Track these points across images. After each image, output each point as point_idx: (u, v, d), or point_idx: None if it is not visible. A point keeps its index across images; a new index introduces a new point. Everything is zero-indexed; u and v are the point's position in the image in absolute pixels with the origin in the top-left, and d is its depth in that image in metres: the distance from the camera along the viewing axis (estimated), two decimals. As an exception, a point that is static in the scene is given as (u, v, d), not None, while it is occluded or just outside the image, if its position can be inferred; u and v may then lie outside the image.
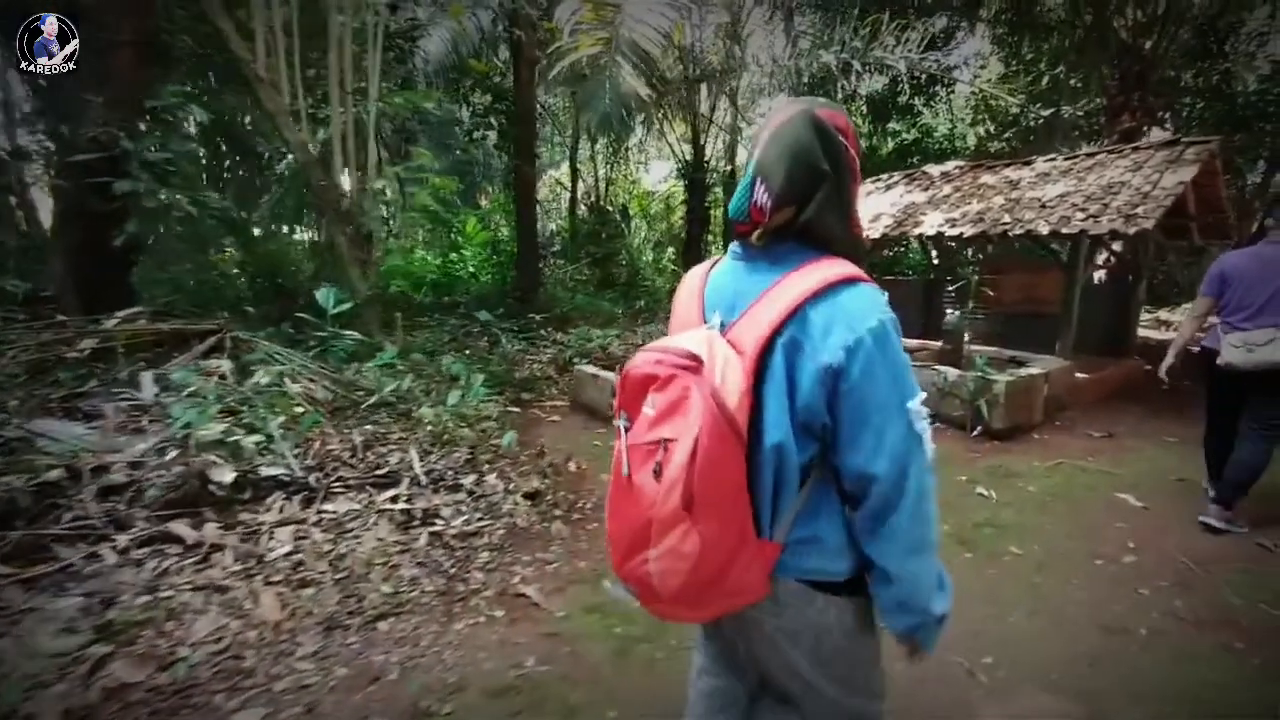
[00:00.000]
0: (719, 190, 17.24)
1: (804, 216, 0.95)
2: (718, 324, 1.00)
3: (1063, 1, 10.01)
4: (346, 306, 4.56)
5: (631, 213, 17.57)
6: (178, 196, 4.00)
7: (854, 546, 0.99)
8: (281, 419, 3.47)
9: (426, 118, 7.45)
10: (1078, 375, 5.97)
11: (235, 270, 6.32)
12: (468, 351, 6.89)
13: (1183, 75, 11.27)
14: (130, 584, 2.23)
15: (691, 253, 15.09)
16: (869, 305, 0.91)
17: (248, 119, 6.94)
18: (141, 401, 3.33)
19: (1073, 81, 11.33)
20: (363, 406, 4.05)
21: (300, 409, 3.89)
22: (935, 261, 8.49)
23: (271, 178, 6.87)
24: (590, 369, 5.63)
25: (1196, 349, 3.57)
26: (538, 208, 17.64)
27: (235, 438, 3.10)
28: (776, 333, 0.92)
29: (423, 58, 7.44)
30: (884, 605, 1.00)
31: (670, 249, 17.59)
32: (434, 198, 11.67)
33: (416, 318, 8.06)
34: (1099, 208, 5.63)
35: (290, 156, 5.56)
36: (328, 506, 2.94)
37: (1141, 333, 9.81)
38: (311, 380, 4.24)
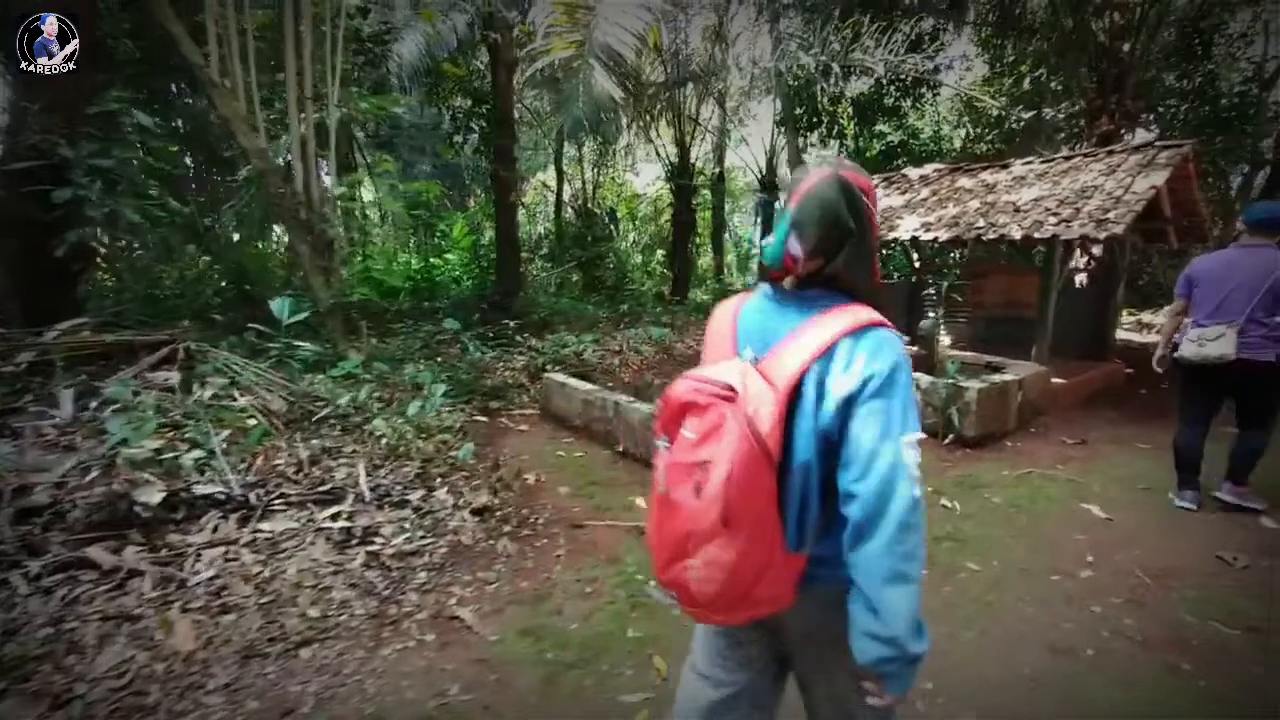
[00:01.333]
0: (706, 193, 17.20)
1: (831, 267, 1.09)
2: (750, 358, 1.12)
3: (1044, 4, 10.00)
4: (303, 316, 4.47)
5: (619, 215, 17.51)
6: (124, 204, 3.91)
7: None
8: (227, 433, 3.38)
9: (399, 123, 7.36)
10: (1054, 380, 5.92)
11: (203, 278, 6.23)
12: (439, 359, 6.80)
13: (1165, 77, 11.29)
14: (36, 614, 2.14)
15: (678, 256, 15.04)
16: (887, 348, 1.02)
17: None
18: (77, 417, 3.24)
19: (1054, 84, 11.32)
20: (315, 419, 3.96)
21: (253, 421, 3.81)
22: (917, 265, 8.44)
23: (235, 184, 6.78)
24: (558, 377, 5.55)
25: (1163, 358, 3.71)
26: (524, 211, 17.64)
27: (173, 455, 3.02)
28: (807, 370, 1.03)
29: (396, 62, 7.36)
30: (855, 631, 1.01)
31: (660, 252, 17.53)
32: (415, 202, 11.66)
33: (392, 324, 7.97)
34: (1071, 212, 5.59)
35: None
36: (264, 525, 2.86)
37: (1123, 335, 9.80)
38: (268, 391, 4.15)
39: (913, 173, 8.13)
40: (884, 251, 11.12)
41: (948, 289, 7.08)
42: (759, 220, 17.46)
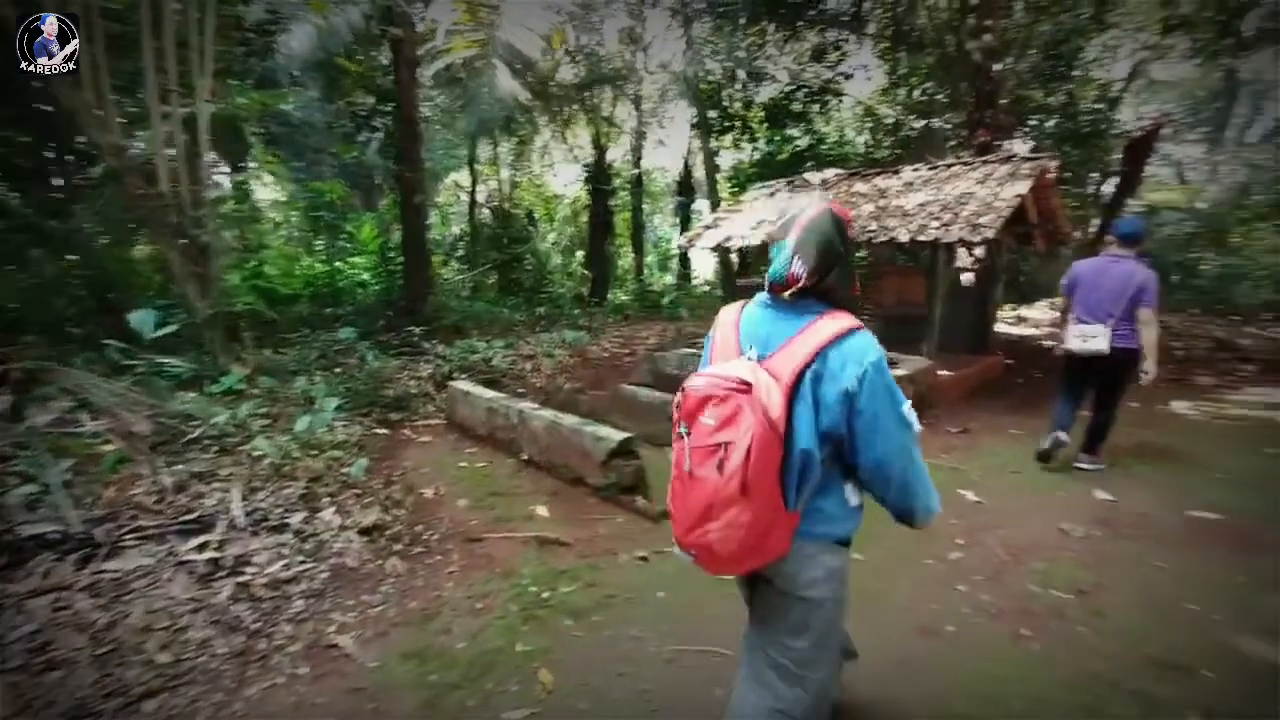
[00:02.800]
0: (625, 194, 17.28)
1: (824, 283, 1.37)
2: (755, 356, 1.37)
3: (929, 23, 10.74)
4: (172, 328, 4.10)
5: (538, 216, 17.28)
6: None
7: (848, 515, 1.42)
8: (69, 463, 3.04)
9: (290, 119, 6.89)
10: (941, 373, 6.34)
11: (54, 287, 5.54)
12: (338, 370, 6.45)
13: (1035, 94, 12.41)
14: None
15: (596, 257, 15.03)
16: (868, 347, 1.32)
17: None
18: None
19: (940, 97, 12.17)
20: (185, 441, 3.65)
21: (109, 446, 3.46)
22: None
23: (95, 182, 6.10)
24: (462, 385, 5.40)
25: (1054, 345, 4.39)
26: (438, 212, 17.05)
27: (-1, 490, 2.68)
28: (806, 366, 1.30)
29: (285, 54, 6.88)
30: (917, 516, 1.40)
31: (580, 253, 17.44)
32: (317, 202, 11.00)
33: (289, 334, 7.48)
34: (951, 217, 6.02)
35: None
36: (111, 565, 2.59)
37: (1004, 329, 10.67)
38: (129, 412, 3.77)
39: (815, 177, 8.51)
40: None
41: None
42: (678, 221, 17.76)
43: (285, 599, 2.66)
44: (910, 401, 1.35)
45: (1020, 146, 11.58)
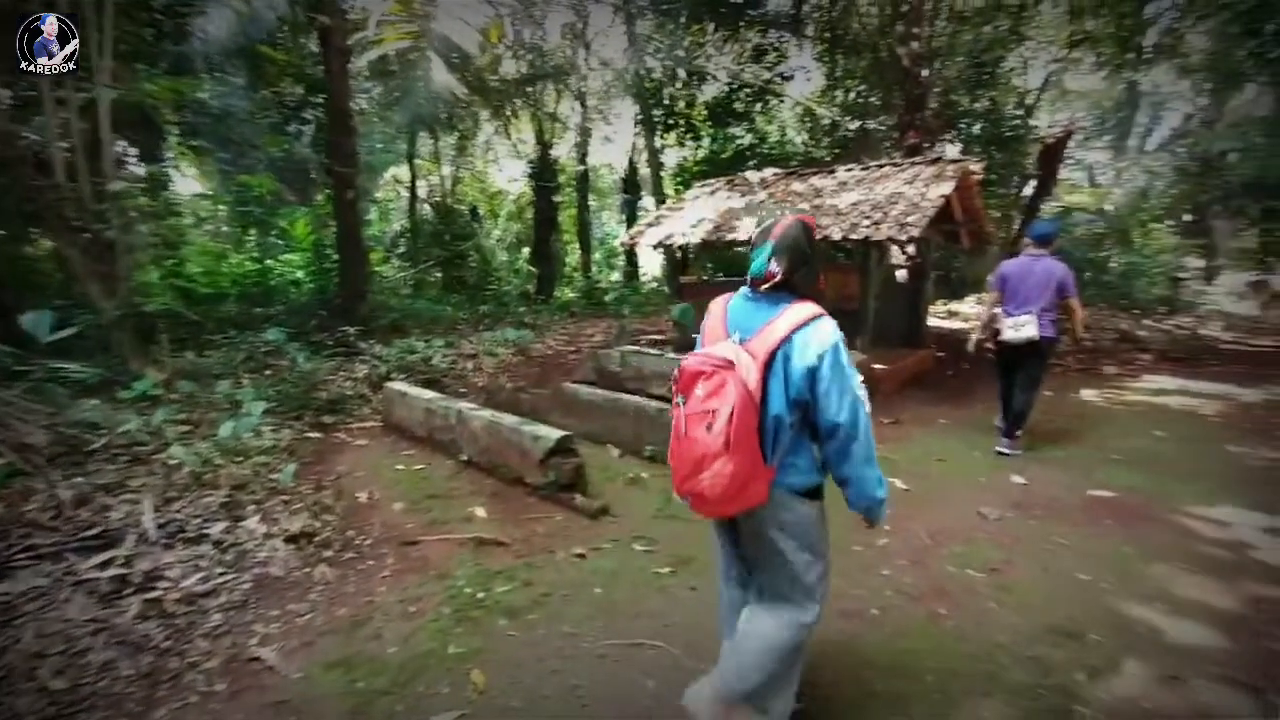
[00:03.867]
0: (571, 191, 17.18)
1: (795, 279, 1.68)
2: (738, 339, 1.67)
3: (862, 28, 11.15)
4: (70, 331, 3.81)
5: (482, 212, 16.95)
6: None
7: (816, 470, 1.70)
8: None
9: (208, 109, 6.50)
10: (875, 366, 6.60)
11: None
12: (267, 372, 6.17)
13: (962, 100, 13.06)
14: None
15: (541, 254, 14.87)
16: (829, 331, 1.62)
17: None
18: None
19: (873, 99, 12.65)
20: (87, 451, 3.41)
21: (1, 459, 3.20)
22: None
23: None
24: (399, 386, 5.25)
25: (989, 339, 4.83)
26: (377, 208, 16.47)
27: None
28: (778, 347, 1.61)
29: (202, 39, 6.47)
30: (851, 498, 1.69)
31: (526, 249, 17.23)
32: (244, 197, 10.43)
33: (214, 335, 7.08)
34: (881, 215, 6.27)
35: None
36: None
37: (935, 323, 11.20)
38: (21, 421, 3.49)
39: (753, 176, 8.69)
40: (737, 251, 11.79)
41: None
42: (625, 218, 17.78)
43: (201, 614, 2.53)
44: (862, 378, 1.66)
45: (950, 149, 12.20)
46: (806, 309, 1.64)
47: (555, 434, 3.71)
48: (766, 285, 1.68)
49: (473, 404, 4.74)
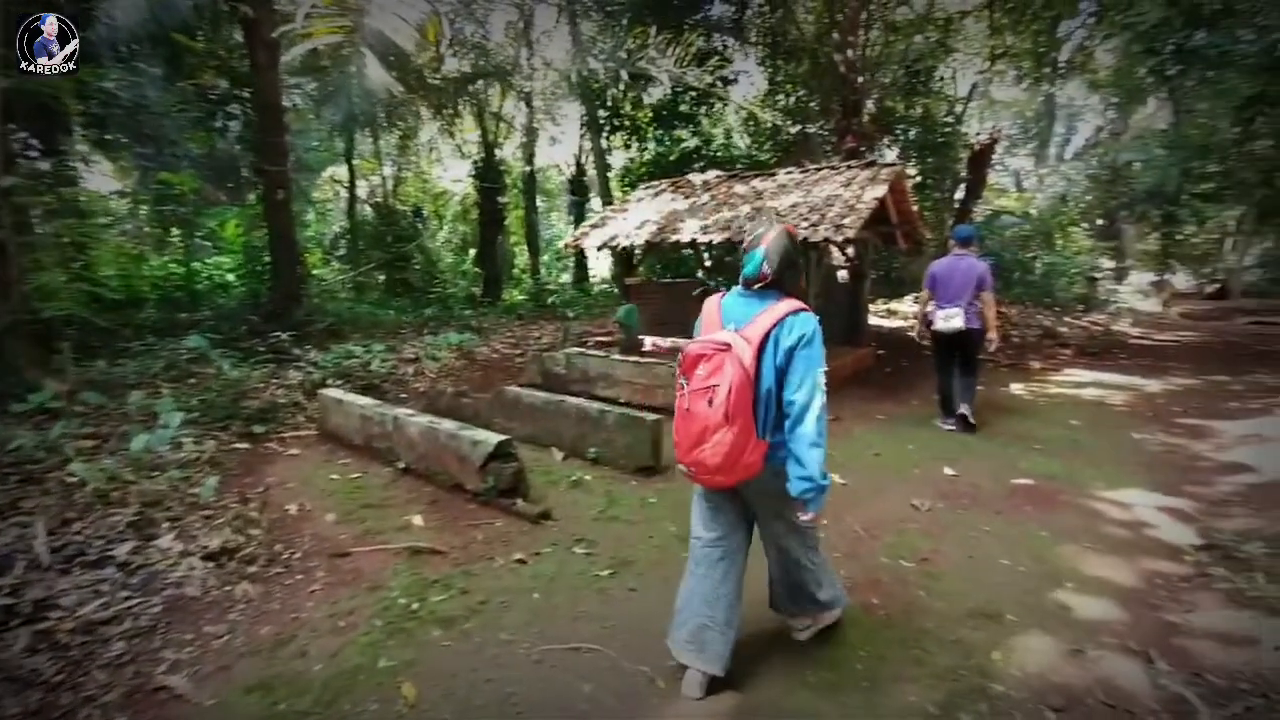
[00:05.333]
0: (518, 192, 16.95)
1: (783, 278, 1.98)
2: (733, 328, 1.94)
3: (801, 34, 11.45)
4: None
5: (426, 213, 16.52)
6: None
7: None
8: None
9: (118, 100, 6.07)
10: (815, 364, 6.78)
11: None
12: (191, 381, 5.82)
13: (898, 107, 13.62)
14: None
15: (487, 256, 14.60)
16: (808, 321, 1.91)
17: None
18: None
19: (812, 104, 13.02)
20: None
21: None
22: (708, 265, 9.15)
23: None
24: (334, 393, 5.05)
25: (922, 334, 5.43)
26: (314, 209, 15.82)
27: None
28: (769, 332, 1.88)
29: (108, 25, 6.02)
30: (792, 477, 1.86)
31: (473, 251, 16.90)
32: (165, 195, 9.82)
33: (130, 343, 6.62)
34: (818, 217, 6.44)
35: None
36: None
37: (875, 322, 11.61)
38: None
39: (697, 178, 8.79)
40: (684, 253, 11.91)
41: (712, 289, 7.79)
42: (573, 220, 17.69)
43: (101, 643, 2.35)
44: (825, 368, 1.91)
45: (888, 154, 12.69)
46: (793, 303, 1.95)
47: (495, 438, 3.64)
48: (759, 284, 1.97)
49: (411, 410, 4.60)
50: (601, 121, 14.55)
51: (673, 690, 2.16)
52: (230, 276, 10.98)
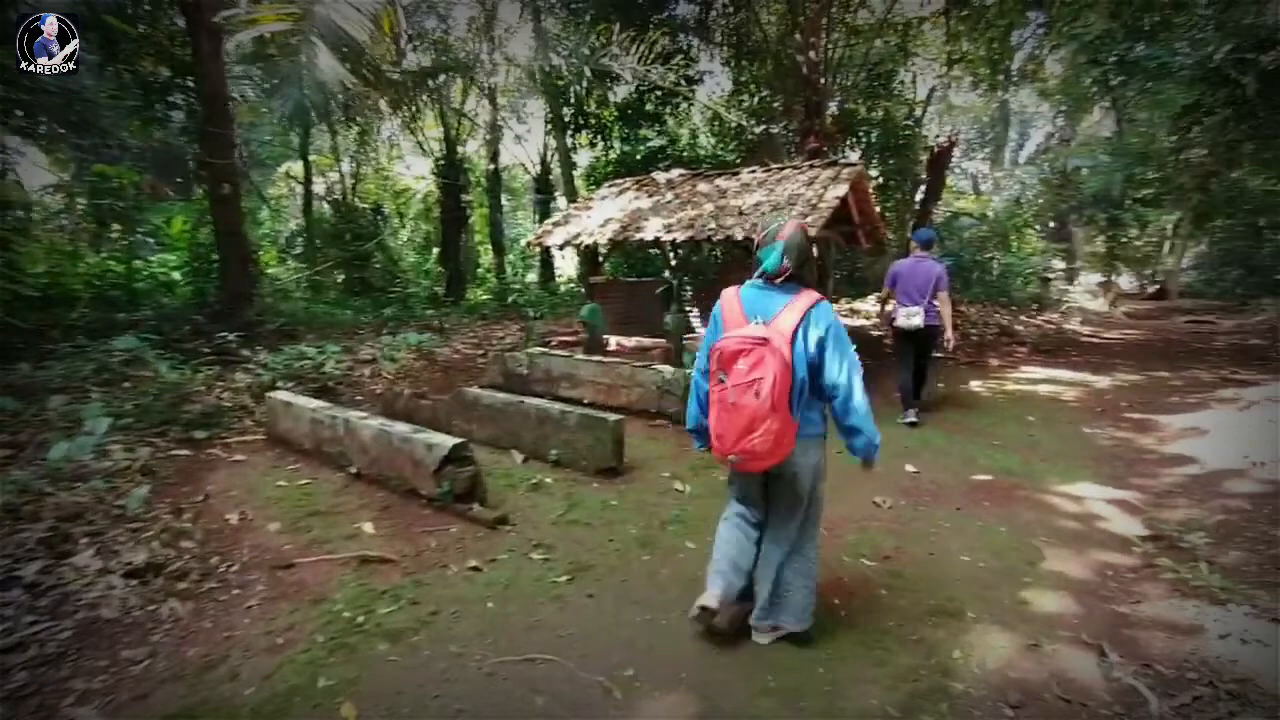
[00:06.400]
0: (482, 190, 16.64)
1: (802, 271, 2.14)
2: (761, 321, 2.07)
3: (764, 35, 11.53)
4: None
5: (387, 211, 16.08)
6: None
7: (823, 421, 2.20)
8: None
9: (43, 85, 5.67)
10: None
11: None
12: (126, 385, 5.47)
13: (860, 108, 13.84)
14: None
15: (449, 255, 14.27)
16: (828, 311, 2.11)
17: None
18: None
19: (776, 104, 13.13)
20: None
21: None
22: (673, 263, 9.08)
23: None
24: (283, 396, 4.81)
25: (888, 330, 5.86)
26: (269, 206, 15.23)
27: None
28: (799, 324, 2.05)
29: (32, 6, 5.60)
30: (853, 445, 2.18)
31: (436, 250, 16.52)
32: (101, 189, 9.27)
33: (56, 345, 6.20)
34: (782, 217, 6.45)
35: None
36: None
37: (838, 321, 11.75)
38: None
39: (661, 177, 8.73)
40: (650, 252, 11.86)
41: (677, 288, 7.75)
42: (538, 218, 17.47)
43: (1, 673, 2.14)
44: (856, 346, 2.14)
45: (851, 155, 12.87)
46: (813, 295, 2.11)
47: (450, 441, 3.49)
48: (780, 278, 2.11)
49: (364, 413, 4.41)
50: (566, 120, 14.39)
51: (629, 701, 2.07)
52: (176, 275, 10.45)
